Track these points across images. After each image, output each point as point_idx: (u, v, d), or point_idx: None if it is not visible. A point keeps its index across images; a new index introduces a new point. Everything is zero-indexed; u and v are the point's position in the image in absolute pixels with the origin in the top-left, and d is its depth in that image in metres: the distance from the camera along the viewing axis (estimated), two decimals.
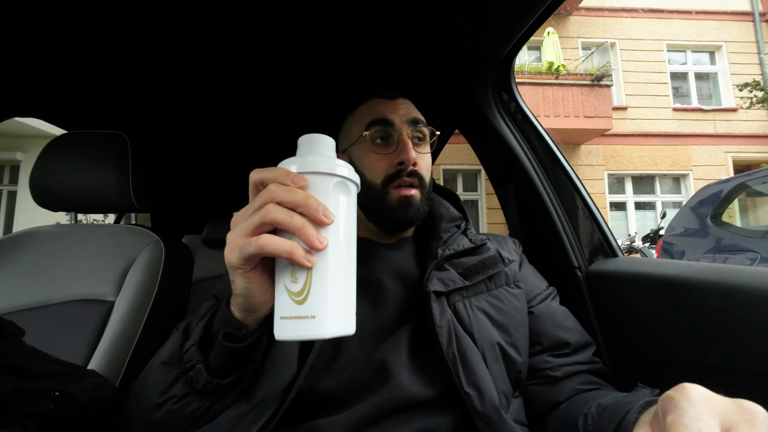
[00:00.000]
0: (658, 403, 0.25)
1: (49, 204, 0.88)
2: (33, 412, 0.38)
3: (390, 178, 0.57)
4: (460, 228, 0.62)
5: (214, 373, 0.39)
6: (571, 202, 0.81)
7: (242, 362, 0.40)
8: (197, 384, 0.38)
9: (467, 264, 0.56)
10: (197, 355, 0.39)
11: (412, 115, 0.60)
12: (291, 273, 0.32)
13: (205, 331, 0.40)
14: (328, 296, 0.32)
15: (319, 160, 0.34)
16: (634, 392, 0.41)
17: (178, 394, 0.39)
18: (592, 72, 6.66)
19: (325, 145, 0.36)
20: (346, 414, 0.44)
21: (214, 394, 0.39)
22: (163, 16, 0.67)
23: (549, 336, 0.58)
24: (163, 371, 0.40)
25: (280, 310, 0.32)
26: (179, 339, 0.41)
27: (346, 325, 0.34)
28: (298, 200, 0.31)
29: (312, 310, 0.31)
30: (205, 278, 1.30)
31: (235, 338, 0.38)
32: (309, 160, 0.34)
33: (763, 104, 6.80)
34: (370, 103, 0.62)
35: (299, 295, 0.31)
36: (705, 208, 2.77)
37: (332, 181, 0.33)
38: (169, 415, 0.39)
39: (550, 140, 0.84)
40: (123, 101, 1.00)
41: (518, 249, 0.69)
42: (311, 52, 0.80)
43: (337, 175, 0.34)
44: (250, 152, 1.48)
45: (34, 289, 0.78)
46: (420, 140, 0.61)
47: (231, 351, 0.38)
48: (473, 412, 0.45)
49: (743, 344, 0.48)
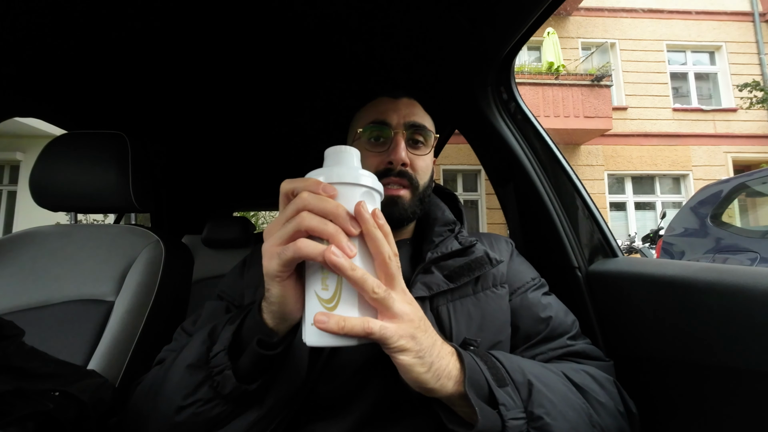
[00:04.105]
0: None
1: (49, 204, 0.88)
2: (33, 412, 0.38)
3: (378, 174, 0.58)
4: (452, 231, 0.62)
5: (241, 378, 0.39)
6: (571, 202, 0.81)
7: (269, 369, 0.40)
8: (224, 389, 0.39)
9: (453, 266, 0.55)
10: (226, 360, 0.39)
11: (412, 118, 0.61)
12: (322, 280, 0.33)
13: (234, 336, 0.40)
14: (357, 306, 0.33)
15: (345, 171, 0.36)
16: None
17: (203, 398, 0.39)
18: (592, 72, 6.66)
19: (350, 156, 0.38)
20: (343, 416, 0.44)
21: (239, 399, 0.39)
22: (164, 16, 0.67)
23: (524, 329, 0.57)
24: (189, 374, 0.40)
25: (311, 316, 0.33)
26: (206, 342, 0.41)
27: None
28: (330, 209, 0.32)
29: (343, 314, 0.32)
30: (205, 278, 1.30)
31: (268, 345, 0.38)
32: (336, 171, 0.35)
33: (763, 104, 6.79)
34: (376, 101, 0.64)
35: (330, 302, 0.33)
36: (705, 209, 2.77)
37: (359, 191, 0.35)
38: (193, 418, 0.39)
39: (550, 140, 0.84)
40: (123, 101, 1.00)
41: (509, 246, 0.68)
42: (311, 52, 0.80)
43: (363, 185, 0.35)
44: (251, 152, 1.48)
45: (34, 289, 0.78)
46: (417, 143, 0.62)
47: (262, 357, 0.38)
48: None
49: (743, 344, 0.48)
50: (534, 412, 0.39)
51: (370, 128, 0.60)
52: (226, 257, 1.42)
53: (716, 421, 0.51)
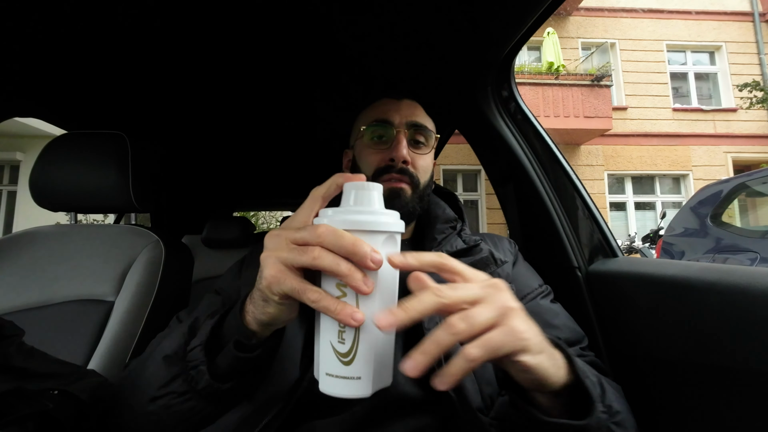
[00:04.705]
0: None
1: (48, 204, 0.88)
2: (32, 412, 0.38)
3: (380, 171, 0.60)
4: (455, 229, 0.63)
5: (216, 377, 0.38)
6: (571, 202, 0.81)
7: (248, 371, 0.40)
8: (197, 384, 0.38)
9: None
10: (202, 356, 0.38)
11: (413, 119, 0.62)
12: (338, 333, 0.32)
13: (213, 332, 0.40)
14: (373, 360, 0.32)
15: (369, 218, 0.32)
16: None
17: (177, 390, 0.39)
18: (592, 72, 6.66)
19: (372, 195, 0.34)
20: (343, 415, 0.44)
21: (212, 397, 0.39)
22: (164, 16, 0.67)
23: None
24: (165, 366, 0.40)
25: (325, 366, 0.32)
26: (185, 336, 0.41)
27: (387, 378, 0.34)
28: (347, 247, 0.30)
29: (358, 371, 0.32)
30: (204, 278, 1.30)
31: (246, 348, 0.38)
32: (359, 220, 0.32)
33: (763, 104, 6.79)
34: (379, 102, 0.66)
35: (346, 356, 0.32)
36: (705, 209, 2.77)
37: (381, 237, 0.32)
38: (165, 410, 0.39)
39: (550, 140, 0.84)
40: (123, 101, 1.00)
41: (513, 248, 0.69)
42: (311, 53, 0.80)
43: (387, 232, 0.33)
44: (251, 152, 1.48)
45: (34, 289, 0.78)
46: (418, 142, 0.63)
47: (239, 360, 0.38)
48: (456, 414, 0.45)
49: (743, 344, 0.48)
50: (612, 406, 0.38)
51: (372, 127, 0.62)
52: (225, 257, 1.41)
53: (716, 421, 0.51)
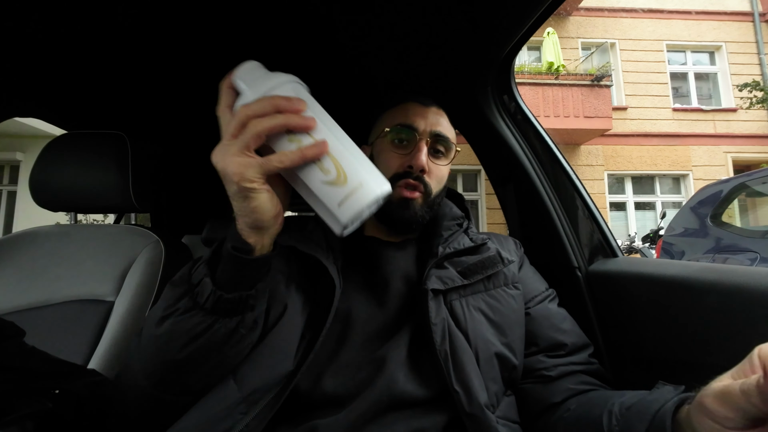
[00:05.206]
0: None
1: (48, 204, 0.88)
2: (32, 411, 0.38)
3: (398, 176, 0.59)
4: (461, 226, 0.64)
5: (220, 285, 0.40)
6: (571, 202, 0.81)
7: (248, 280, 0.41)
8: (201, 297, 0.39)
9: (467, 263, 0.57)
10: (205, 270, 0.40)
11: (437, 128, 0.62)
12: (319, 170, 0.35)
13: (215, 252, 0.42)
14: (357, 163, 0.36)
15: (269, 81, 0.38)
16: (656, 390, 0.41)
17: (182, 307, 0.40)
18: (591, 72, 6.65)
19: (253, 66, 0.40)
20: (345, 413, 0.44)
21: (216, 309, 0.40)
22: (164, 16, 0.67)
23: (545, 337, 0.58)
24: (171, 289, 0.42)
25: (332, 202, 0.36)
26: (189, 266, 0.43)
27: (384, 182, 0.38)
28: (269, 105, 0.35)
29: (356, 180, 0.35)
30: None
31: (244, 251, 0.40)
32: (262, 86, 0.38)
33: (763, 104, 6.79)
34: (405, 105, 0.65)
35: (338, 177, 0.35)
36: (705, 209, 2.77)
37: (288, 86, 0.38)
38: (172, 327, 0.39)
39: (550, 140, 0.84)
40: (123, 101, 1.00)
41: (519, 250, 0.69)
42: (311, 54, 0.80)
43: (289, 81, 0.39)
44: None
45: (34, 289, 0.78)
46: (438, 152, 0.63)
47: (239, 262, 0.39)
48: (461, 411, 0.45)
49: (743, 344, 0.47)
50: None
51: (396, 129, 0.61)
52: None
53: None
